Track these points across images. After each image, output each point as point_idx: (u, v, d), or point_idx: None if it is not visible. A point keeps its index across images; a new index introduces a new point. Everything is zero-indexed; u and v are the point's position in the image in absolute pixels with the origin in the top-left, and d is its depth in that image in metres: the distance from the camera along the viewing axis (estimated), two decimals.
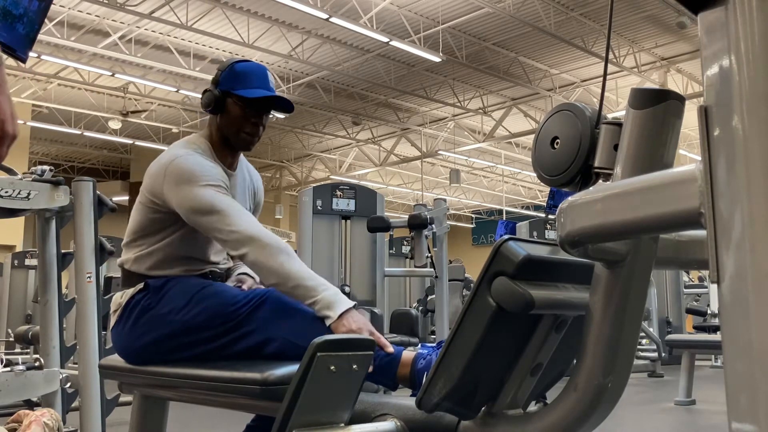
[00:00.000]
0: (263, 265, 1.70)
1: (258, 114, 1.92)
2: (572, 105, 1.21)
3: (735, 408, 0.63)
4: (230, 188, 1.91)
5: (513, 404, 1.33)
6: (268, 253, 1.70)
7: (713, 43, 0.65)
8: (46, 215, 3.09)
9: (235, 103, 1.90)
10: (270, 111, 1.95)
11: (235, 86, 1.91)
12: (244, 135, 1.92)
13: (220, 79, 1.93)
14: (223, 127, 1.93)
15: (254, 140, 1.94)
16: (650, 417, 4.49)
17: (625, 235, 0.99)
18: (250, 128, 1.91)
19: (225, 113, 1.92)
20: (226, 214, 1.76)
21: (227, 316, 1.73)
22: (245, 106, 1.90)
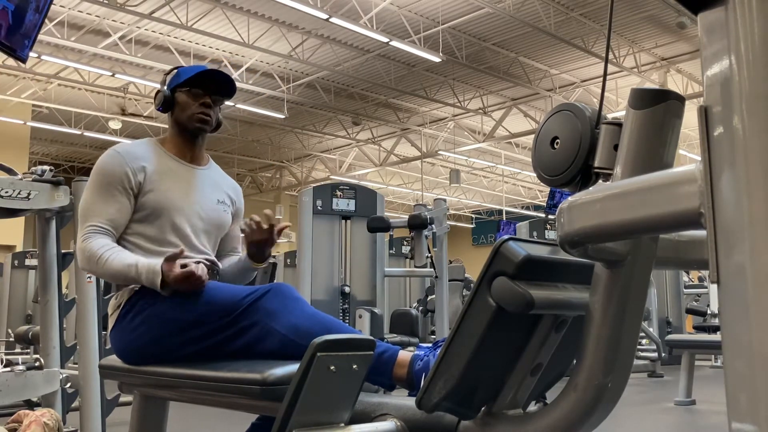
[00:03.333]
0: (102, 278, 1.96)
1: (204, 93, 2.05)
2: (572, 105, 1.21)
3: (735, 408, 0.63)
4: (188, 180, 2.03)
5: (513, 404, 1.33)
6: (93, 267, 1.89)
7: (713, 43, 0.65)
8: (46, 215, 3.09)
9: (181, 93, 2.04)
10: (216, 92, 2.09)
11: (177, 81, 2.06)
12: (196, 116, 2.03)
13: (167, 81, 2.07)
14: (178, 119, 2.06)
15: (207, 119, 2.05)
16: (650, 417, 4.49)
17: (625, 235, 0.99)
18: (199, 108, 2.02)
19: (176, 106, 2.05)
20: (81, 224, 1.94)
21: (226, 309, 1.74)
22: (190, 88, 2.03)
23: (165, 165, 2.03)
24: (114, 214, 1.93)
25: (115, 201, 1.93)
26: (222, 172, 2.23)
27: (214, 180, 2.14)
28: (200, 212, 2.04)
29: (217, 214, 2.10)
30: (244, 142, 17.27)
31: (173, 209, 1.98)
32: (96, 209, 1.93)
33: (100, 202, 1.93)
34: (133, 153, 2.00)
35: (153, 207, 1.96)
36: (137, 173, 1.95)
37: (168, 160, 2.05)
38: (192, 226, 2.01)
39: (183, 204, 2.00)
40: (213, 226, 2.09)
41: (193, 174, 2.07)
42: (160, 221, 1.97)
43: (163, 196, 1.97)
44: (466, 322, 1.23)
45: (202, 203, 2.05)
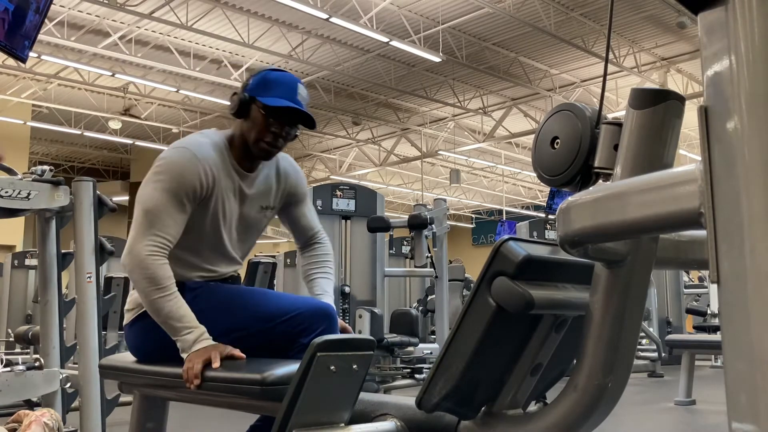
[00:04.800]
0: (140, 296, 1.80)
1: (279, 124, 1.88)
2: (572, 105, 1.21)
3: (735, 408, 0.63)
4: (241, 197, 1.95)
5: (513, 404, 1.33)
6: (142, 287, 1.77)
7: (713, 43, 0.65)
8: (46, 215, 3.09)
9: (258, 110, 1.87)
10: (294, 125, 1.92)
11: (261, 93, 1.88)
12: (263, 144, 1.89)
13: (249, 84, 1.91)
14: (245, 132, 1.90)
15: (272, 151, 1.91)
16: (650, 417, 4.49)
17: (625, 235, 0.99)
18: (269, 137, 1.87)
19: (248, 119, 1.89)
20: (148, 227, 1.80)
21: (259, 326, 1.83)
22: (267, 115, 1.86)
23: (229, 174, 1.92)
24: (179, 230, 1.83)
25: (183, 211, 1.82)
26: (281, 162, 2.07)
27: (266, 183, 2.03)
28: (241, 227, 2.00)
29: (257, 221, 2.05)
30: None
31: (221, 225, 1.93)
32: (167, 220, 1.80)
33: (170, 211, 1.80)
34: (208, 157, 1.86)
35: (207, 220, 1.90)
36: (210, 182, 1.85)
37: (230, 168, 1.93)
38: (230, 238, 1.98)
39: (231, 219, 1.95)
40: (251, 233, 2.06)
41: (247, 183, 1.97)
42: (206, 235, 1.92)
43: (219, 212, 1.91)
44: (466, 322, 1.23)
45: (246, 217, 2.00)
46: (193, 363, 1.67)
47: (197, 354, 1.69)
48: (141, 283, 1.77)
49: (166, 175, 1.82)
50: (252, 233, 2.07)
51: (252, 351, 1.76)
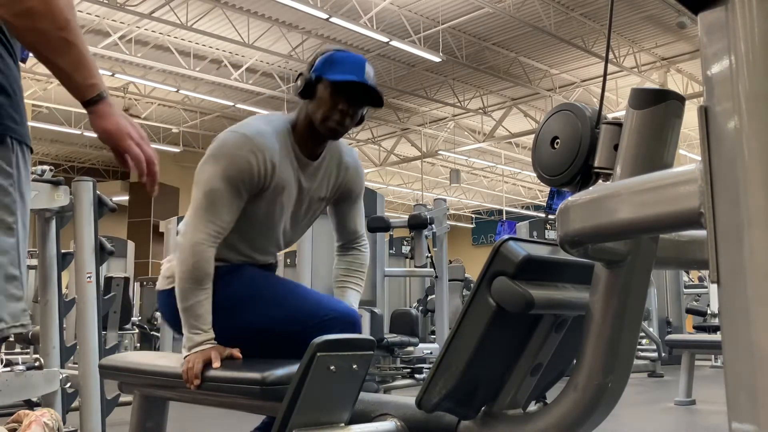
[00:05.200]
0: (175, 281, 1.81)
1: (346, 102, 1.83)
2: (572, 105, 1.21)
3: (735, 408, 0.63)
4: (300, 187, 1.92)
5: (513, 404, 1.33)
6: (183, 271, 1.78)
7: (713, 43, 0.65)
8: (46, 215, 3.09)
9: (324, 89, 1.82)
10: (361, 103, 1.86)
11: (327, 71, 1.84)
12: (330, 122, 1.83)
13: (316, 64, 1.86)
14: (312, 112, 1.86)
15: (339, 129, 1.86)
16: (650, 417, 4.49)
17: (625, 235, 0.99)
18: (337, 116, 1.82)
19: (314, 99, 1.84)
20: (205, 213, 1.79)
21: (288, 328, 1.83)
22: (333, 92, 1.81)
23: (290, 163, 1.89)
24: (233, 218, 1.82)
25: (239, 199, 1.81)
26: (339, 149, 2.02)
27: (326, 172, 1.99)
28: (296, 216, 1.98)
29: (313, 211, 2.03)
30: None
31: (278, 216, 1.92)
32: (223, 207, 1.79)
33: (227, 198, 1.79)
34: (268, 145, 1.82)
35: (261, 209, 1.88)
36: (268, 171, 1.82)
37: (293, 156, 1.89)
38: (283, 228, 1.97)
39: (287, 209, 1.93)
40: (304, 224, 2.05)
41: (308, 172, 1.94)
42: (260, 224, 1.91)
43: (275, 202, 1.89)
44: (466, 322, 1.23)
45: (304, 205, 1.98)
46: (193, 363, 1.68)
47: (197, 355, 1.70)
48: (182, 266, 1.78)
49: (226, 161, 1.79)
50: (304, 224, 2.05)
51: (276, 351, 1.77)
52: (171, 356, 1.94)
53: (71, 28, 1.17)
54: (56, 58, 1.18)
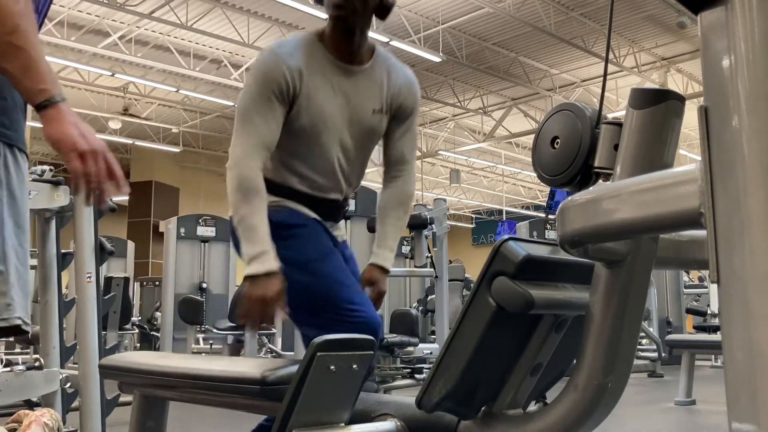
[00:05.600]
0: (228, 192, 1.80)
1: None
2: (572, 105, 1.21)
3: (735, 408, 0.63)
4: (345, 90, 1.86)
5: (513, 404, 1.33)
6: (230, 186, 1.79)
7: (713, 43, 0.65)
8: (46, 215, 3.09)
9: None
10: None
11: None
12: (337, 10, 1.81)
13: None
14: (327, 11, 1.85)
15: (347, 14, 1.80)
16: (650, 417, 4.49)
17: (625, 235, 0.99)
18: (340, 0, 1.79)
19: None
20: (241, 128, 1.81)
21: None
22: None
23: (321, 69, 1.85)
24: (272, 129, 1.80)
25: (271, 111, 1.79)
26: (389, 62, 1.98)
27: (375, 82, 1.92)
28: (351, 130, 1.89)
29: (371, 126, 1.92)
30: None
31: (324, 128, 1.85)
32: (257, 120, 1.78)
33: (260, 111, 1.78)
34: (291, 52, 1.82)
35: (304, 121, 1.84)
36: (294, 78, 1.80)
37: (325, 62, 1.86)
38: (342, 146, 1.89)
39: (335, 122, 1.86)
40: (366, 140, 1.94)
41: (351, 82, 1.88)
42: (310, 139, 1.85)
43: (316, 111, 1.83)
44: (466, 322, 1.23)
45: (355, 117, 1.89)
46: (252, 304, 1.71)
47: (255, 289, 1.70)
48: (230, 183, 1.79)
49: (252, 78, 1.82)
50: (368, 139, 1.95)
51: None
52: (171, 356, 1.94)
53: (20, 33, 1.18)
54: (4, 62, 1.19)
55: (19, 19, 1.17)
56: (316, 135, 1.85)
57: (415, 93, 2.02)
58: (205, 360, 1.78)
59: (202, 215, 8.08)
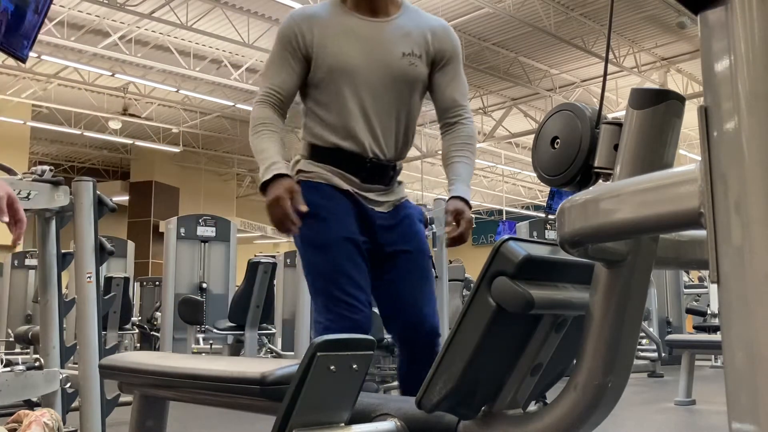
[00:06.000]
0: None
1: None
2: (572, 105, 1.21)
3: (735, 408, 0.63)
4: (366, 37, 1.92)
5: (513, 404, 1.33)
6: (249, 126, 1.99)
7: (713, 43, 0.65)
8: (46, 215, 3.09)
9: None
10: None
11: None
12: None
13: None
14: None
15: None
16: (650, 417, 4.49)
17: (625, 235, 0.99)
18: None
19: None
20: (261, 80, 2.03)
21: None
22: None
23: (340, 23, 1.92)
24: (284, 79, 1.94)
25: (286, 64, 1.94)
26: (420, 15, 2.01)
27: (404, 29, 1.94)
28: (378, 73, 1.90)
29: (401, 70, 1.92)
30: (244, 142, 17.19)
31: (345, 73, 1.89)
32: (270, 73, 1.97)
33: (274, 65, 1.96)
34: (305, 13, 1.96)
35: (324, 70, 1.91)
36: (306, 33, 1.91)
37: (345, 17, 1.93)
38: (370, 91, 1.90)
39: (357, 66, 1.89)
40: (397, 85, 1.93)
41: (374, 28, 1.92)
42: (332, 87, 1.91)
43: (333, 59, 1.89)
44: (466, 322, 1.23)
45: (382, 61, 1.90)
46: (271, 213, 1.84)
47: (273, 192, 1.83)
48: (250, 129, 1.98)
49: (275, 38, 1.99)
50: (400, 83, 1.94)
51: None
52: (171, 356, 1.94)
53: None
54: None
55: None
56: (335, 81, 1.91)
57: (451, 37, 2.03)
58: (205, 360, 1.78)
59: (202, 215, 8.07)
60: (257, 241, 19.81)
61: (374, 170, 1.96)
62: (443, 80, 2.00)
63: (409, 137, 2.05)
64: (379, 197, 1.98)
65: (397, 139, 2.00)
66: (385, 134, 1.95)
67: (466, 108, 2.05)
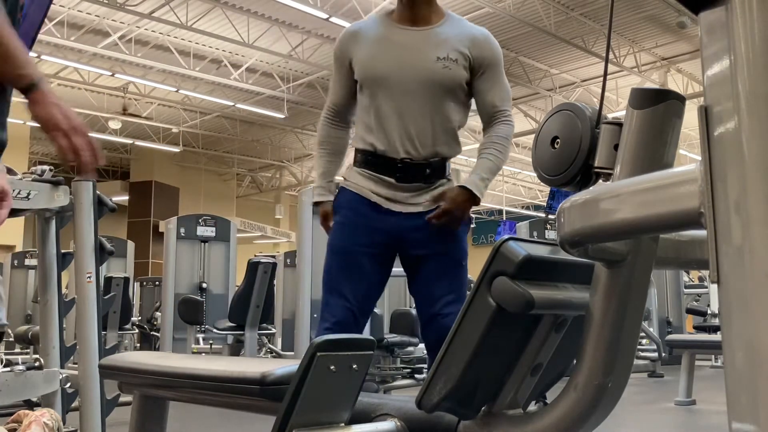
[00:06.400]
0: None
1: None
2: (572, 105, 1.21)
3: (735, 408, 0.63)
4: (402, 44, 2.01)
5: (513, 404, 1.33)
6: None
7: (713, 43, 0.65)
8: (46, 215, 3.09)
9: None
10: None
11: None
12: None
13: None
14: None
15: None
16: (650, 417, 4.49)
17: (625, 235, 0.99)
18: None
19: None
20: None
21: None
22: None
23: (379, 33, 2.03)
24: (338, 93, 2.14)
25: (338, 79, 2.12)
26: (462, 24, 2.09)
27: (442, 37, 2.02)
28: (411, 77, 1.97)
29: (432, 74, 1.98)
30: (244, 141, 17.26)
31: (377, 79, 1.99)
32: (330, 90, 2.18)
33: (332, 82, 2.16)
34: (352, 29, 2.10)
35: (361, 78, 2.03)
36: (349, 48, 2.05)
37: (386, 28, 2.04)
38: (404, 93, 1.97)
39: (388, 71, 1.98)
40: (431, 88, 1.99)
41: (411, 36, 2.01)
42: (369, 92, 2.02)
43: (366, 66, 2.00)
44: (466, 322, 1.23)
45: (414, 66, 1.98)
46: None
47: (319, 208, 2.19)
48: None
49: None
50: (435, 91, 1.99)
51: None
52: (171, 356, 1.94)
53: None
54: None
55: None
56: (370, 86, 2.02)
57: (492, 45, 2.08)
58: (205, 360, 1.78)
59: (202, 215, 8.07)
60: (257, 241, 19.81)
61: (408, 169, 2.04)
62: (484, 86, 2.07)
63: (449, 137, 2.09)
64: (416, 197, 2.07)
65: (434, 139, 2.04)
66: (419, 134, 2.02)
67: (506, 111, 2.13)
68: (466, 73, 2.01)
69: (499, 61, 2.07)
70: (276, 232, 19.61)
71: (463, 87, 2.04)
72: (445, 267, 2.04)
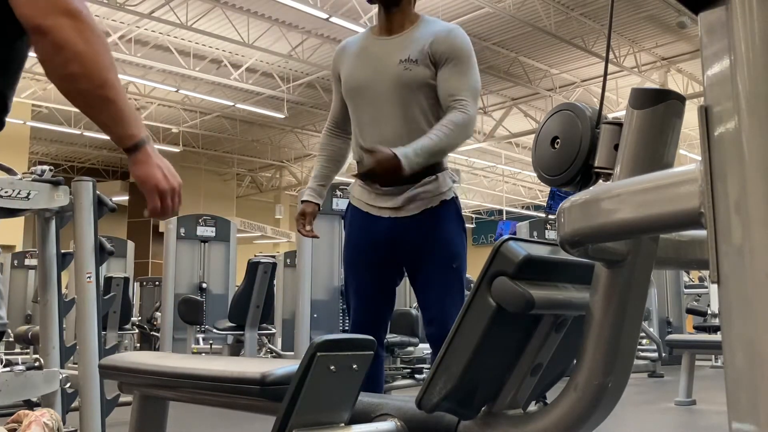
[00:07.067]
0: None
1: None
2: (572, 105, 1.21)
3: (735, 408, 0.63)
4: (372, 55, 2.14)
5: (513, 404, 1.33)
6: None
7: (713, 43, 0.65)
8: (46, 215, 3.09)
9: None
10: None
11: None
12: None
13: None
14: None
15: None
16: (650, 417, 4.50)
17: (625, 235, 0.99)
18: None
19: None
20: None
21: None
22: None
23: (361, 46, 2.17)
24: (335, 105, 2.28)
25: (335, 91, 2.26)
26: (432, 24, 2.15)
27: (410, 40, 2.11)
28: (383, 83, 2.08)
29: (397, 77, 2.07)
30: (244, 142, 17.26)
31: (356, 89, 2.12)
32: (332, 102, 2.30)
33: (333, 94, 2.29)
34: (342, 45, 2.24)
35: (344, 91, 2.18)
36: (337, 62, 2.20)
37: (366, 41, 2.17)
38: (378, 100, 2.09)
39: (364, 81, 2.11)
40: (398, 91, 2.08)
41: (384, 45, 2.13)
42: (352, 103, 2.16)
43: (348, 79, 2.15)
44: (466, 322, 1.23)
45: (384, 72, 2.09)
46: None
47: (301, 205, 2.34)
48: None
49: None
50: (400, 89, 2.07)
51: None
52: (171, 356, 1.94)
53: (110, 86, 1.29)
54: (97, 114, 1.33)
55: (107, 72, 1.27)
56: (353, 97, 2.15)
57: (453, 38, 2.10)
58: (205, 360, 1.78)
59: (202, 215, 8.07)
60: (257, 241, 19.81)
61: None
62: (442, 77, 2.11)
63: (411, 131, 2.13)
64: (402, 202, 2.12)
65: (410, 140, 2.06)
66: (395, 138, 2.07)
67: (462, 100, 2.09)
68: (428, 71, 2.07)
69: (460, 53, 2.08)
70: (276, 232, 19.61)
71: (431, 85, 2.10)
72: (437, 270, 2.09)
